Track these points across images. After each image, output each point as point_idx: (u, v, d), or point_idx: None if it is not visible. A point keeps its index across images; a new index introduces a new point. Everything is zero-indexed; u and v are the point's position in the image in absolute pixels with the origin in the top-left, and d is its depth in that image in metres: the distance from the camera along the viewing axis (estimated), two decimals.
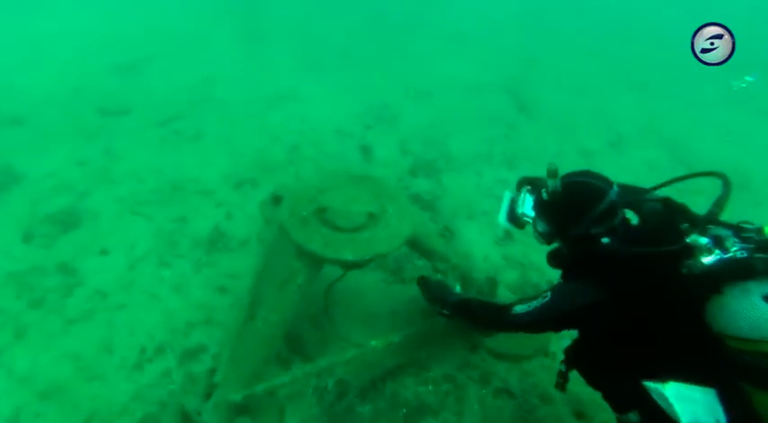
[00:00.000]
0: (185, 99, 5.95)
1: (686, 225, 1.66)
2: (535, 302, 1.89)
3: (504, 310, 2.03)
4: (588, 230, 1.81)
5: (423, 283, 2.68)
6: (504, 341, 3.29)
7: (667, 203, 1.84)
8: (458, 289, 3.04)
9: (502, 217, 2.45)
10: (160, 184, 4.48)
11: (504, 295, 3.32)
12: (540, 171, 5.64)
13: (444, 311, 2.46)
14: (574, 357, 2.06)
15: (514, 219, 2.40)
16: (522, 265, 4.05)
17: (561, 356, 2.14)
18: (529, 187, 2.39)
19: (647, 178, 1.90)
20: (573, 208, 1.86)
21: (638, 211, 1.92)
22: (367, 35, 8.95)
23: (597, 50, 9.46)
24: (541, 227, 2.08)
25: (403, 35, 9.13)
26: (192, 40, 7.86)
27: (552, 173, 1.95)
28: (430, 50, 8.59)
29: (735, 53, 1.73)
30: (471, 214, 4.57)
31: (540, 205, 2.07)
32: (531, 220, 2.30)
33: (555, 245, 2.13)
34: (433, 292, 2.58)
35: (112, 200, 4.20)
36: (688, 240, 1.56)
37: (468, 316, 2.33)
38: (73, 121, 5.35)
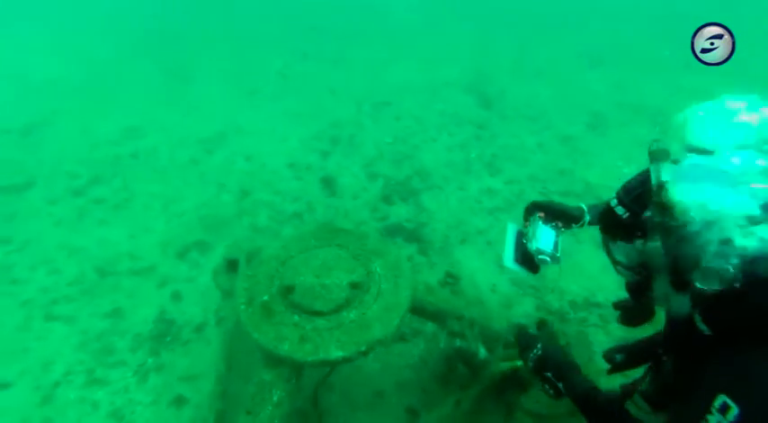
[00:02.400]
0: (104, 158, 5.04)
1: None
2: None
3: None
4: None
5: (540, 361, 1.64)
6: (543, 396, 2.64)
7: None
8: (482, 353, 2.37)
9: (508, 258, 1.83)
10: (82, 272, 3.60)
11: None
12: (528, 170, 5.01)
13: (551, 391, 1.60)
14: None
15: (526, 259, 1.80)
16: (535, 290, 3.42)
17: None
18: (542, 214, 1.81)
19: (639, 157, 1.25)
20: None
21: None
22: (304, 51, 8.22)
23: (547, 29, 9.07)
24: (622, 256, 1.35)
25: (343, 45, 8.46)
26: (103, 87, 6.89)
27: (662, 153, 1.18)
28: (375, 57, 7.95)
29: None
30: (464, 237, 3.91)
31: (621, 224, 1.31)
32: (548, 258, 1.71)
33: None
34: (556, 368, 1.60)
35: (15, 306, 3.28)
36: None
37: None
38: None
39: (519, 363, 2.42)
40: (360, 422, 2.60)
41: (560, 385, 1.51)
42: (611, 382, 1.74)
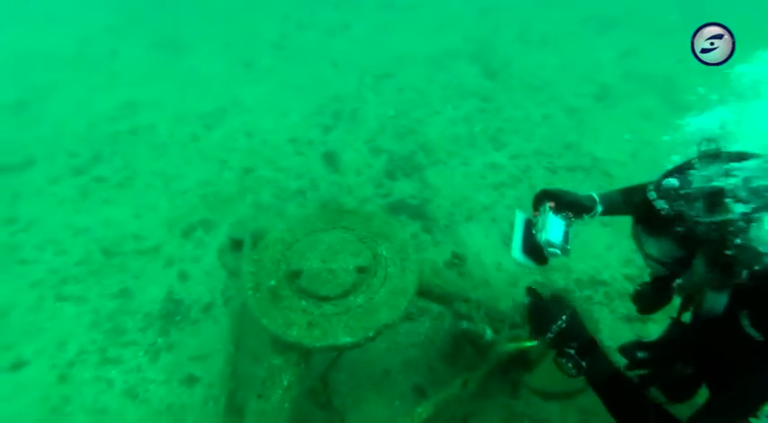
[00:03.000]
0: (103, 135, 4.98)
1: None
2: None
3: None
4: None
5: (562, 334, 1.48)
6: (550, 375, 2.68)
7: None
8: (489, 334, 2.39)
9: (516, 250, 1.79)
10: (88, 252, 3.62)
11: None
12: (534, 145, 4.93)
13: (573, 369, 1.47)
14: None
15: (535, 250, 1.77)
16: (541, 268, 3.41)
17: None
18: (552, 204, 1.76)
19: (647, 131, 1.22)
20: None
21: None
22: (303, 20, 7.97)
23: None
24: (658, 250, 1.31)
25: (342, 13, 8.19)
26: (98, 61, 6.73)
27: (712, 155, 1.18)
28: (376, 26, 7.71)
29: None
30: (470, 214, 3.89)
31: (659, 220, 1.27)
32: (559, 251, 1.68)
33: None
34: (580, 344, 1.46)
35: (25, 287, 3.32)
36: None
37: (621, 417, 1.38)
38: None
39: (526, 343, 2.45)
40: (367, 400, 2.66)
41: (584, 363, 1.41)
42: None
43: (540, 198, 1.82)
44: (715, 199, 1.12)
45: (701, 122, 1.41)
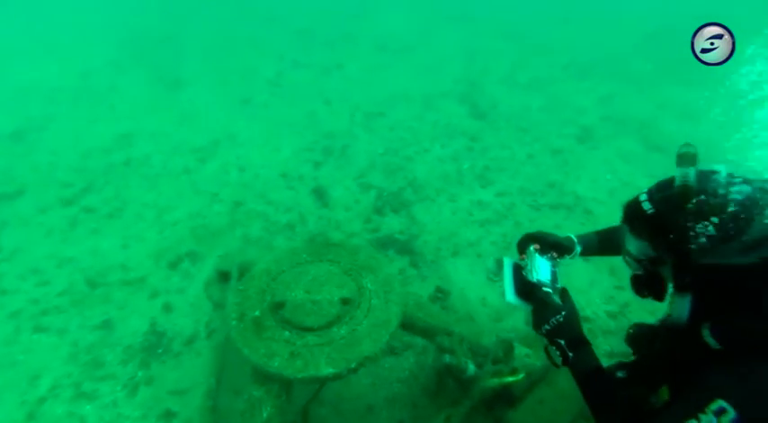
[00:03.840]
0: (97, 166, 5.04)
1: None
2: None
3: None
4: (734, 259, 1.16)
5: (559, 327, 1.56)
6: (534, 412, 2.66)
7: None
8: (471, 369, 2.40)
9: (509, 294, 1.76)
10: (72, 283, 3.59)
11: (521, 355, 2.68)
12: (519, 183, 5.04)
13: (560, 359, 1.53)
14: None
15: (527, 291, 1.76)
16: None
17: None
18: (537, 246, 1.82)
19: (626, 173, 1.30)
20: (715, 224, 1.18)
21: None
22: (297, 60, 8.27)
23: (538, 40, 9.22)
24: (636, 248, 1.39)
25: (334, 51, 8.53)
26: (98, 94, 6.90)
27: (689, 157, 1.24)
28: (369, 66, 8.03)
29: None
30: (456, 250, 3.95)
31: (641, 220, 1.35)
32: (551, 290, 1.70)
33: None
34: (571, 339, 1.54)
35: (4, 317, 3.26)
36: None
37: (593, 404, 1.44)
38: None
39: (508, 378, 2.46)
40: None
41: (570, 355, 1.48)
42: None
43: (525, 241, 1.87)
44: (686, 201, 1.21)
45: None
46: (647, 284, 1.44)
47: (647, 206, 1.32)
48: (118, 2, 12.16)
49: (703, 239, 1.18)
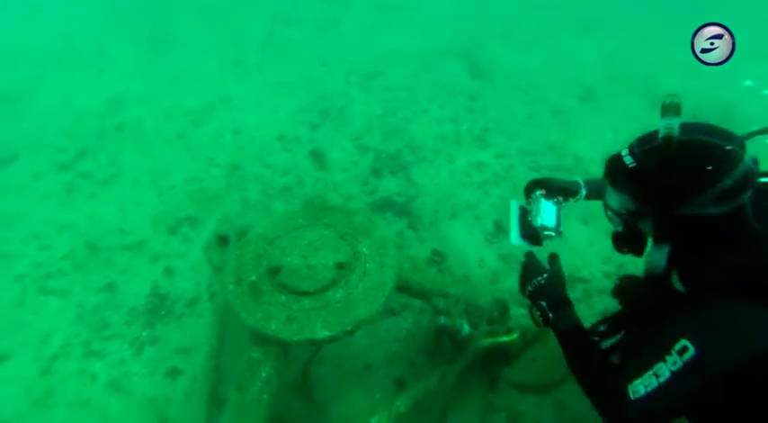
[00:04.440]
0: (89, 131, 4.96)
1: None
2: (665, 368, 1.15)
3: (617, 396, 1.24)
4: (707, 210, 1.22)
5: (540, 289, 1.65)
6: (528, 369, 2.76)
7: None
8: (466, 329, 2.46)
9: (514, 235, 1.89)
10: (73, 247, 3.62)
11: (517, 315, 2.75)
12: (518, 144, 4.99)
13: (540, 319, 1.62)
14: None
15: (531, 235, 1.88)
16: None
17: None
18: (543, 191, 1.91)
19: (630, 131, 1.36)
20: (688, 175, 1.23)
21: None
22: (291, 17, 7.97)
23: None
24: (618, 202, 1.45)
25: (331, 11, 8.20)
26: (84, 56, 6.69)
27: (673, 107, 1.27)
28: (365, 24, 7.74)
29: None
30: (454, 211, 3.95)
31: (622, 173, 1.40)
32: (554, 234, 1.81)
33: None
34: (552, 300, 1.60)
35: (10, 281, 3.32)
36: None
37: (572, 362, 1.49)
38: None
39: (502, 338, 2.53)
40: (349, 393, 2.71)
41: (551, 316, 1.55)
42: None
43: (531, 186, 1.95)
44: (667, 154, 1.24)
45: None
46: (626, 240, 1.49)
47: (628, 160, 1.36)
48: None
49: (681, 190, 1.24)
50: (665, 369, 1.14)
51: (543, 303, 1.58)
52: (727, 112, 5.14)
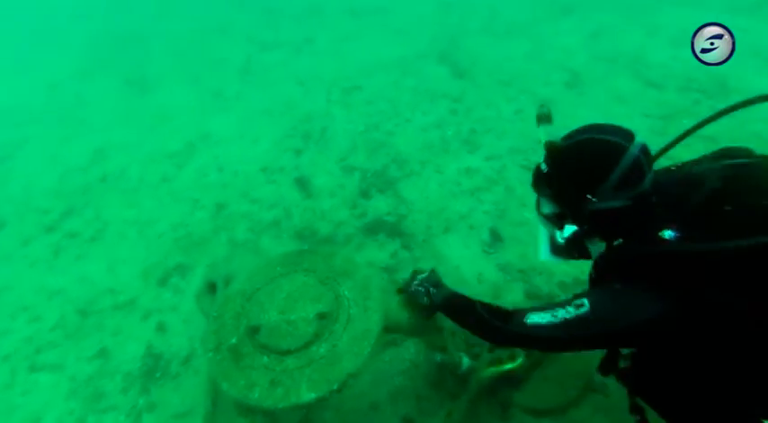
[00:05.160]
0: (74, 187, 4.91)
1: None
2: (563, 312, 1.37)
3: (513, 316, 1.50)
4: (608, 202, 1.34)
5: (423, 280, 2.02)
6: (539, 390, 2.59)
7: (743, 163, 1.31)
8: (465, 363, 2.31)
9: (544, 254, 1.88)
10: (63, 315, 3.54)
11: None
12: (508, 143, 4.81)
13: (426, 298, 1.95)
14: (643, 383, 1.56)
15: (557, 248, 1.82)
16: (523, 274, 3.33)
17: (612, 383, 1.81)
18: None
19: (623, 115, 1.26)
20: (584, 172, 1.38)
21: (692, 184, 1.35)
22: (265, 41, 7.89)
23: None
24: (547, 208, 1.60)
25: (305, 27, 8.11)
26: (67, 109, 6.69)
27: (544, 116, 1.55)
28: (340, 36, 7.63)
29: None
30: (447, 225, 3.79)
31: (540, 179, 1.57)
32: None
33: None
34: (432, 283, 1.99)
35: None
36: None
37: (463, 320, 1.75)
38: None
39: (507, 366, 2.37)
40: None
41: (432, 290, 1.89)
42: None
43: None
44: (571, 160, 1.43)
45: None
46: (573, 246, 1.57)
47: (543, 167, 1.52)
48: (80, 5, 11.69)
49: (581, 187, 1.37)
50: (562, 312, 1.36)
51: (427, 284, 1.92)
52: (721, 80, 4.91)
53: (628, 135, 1.36)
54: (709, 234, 1.18)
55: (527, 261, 3.39)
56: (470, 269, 3.40)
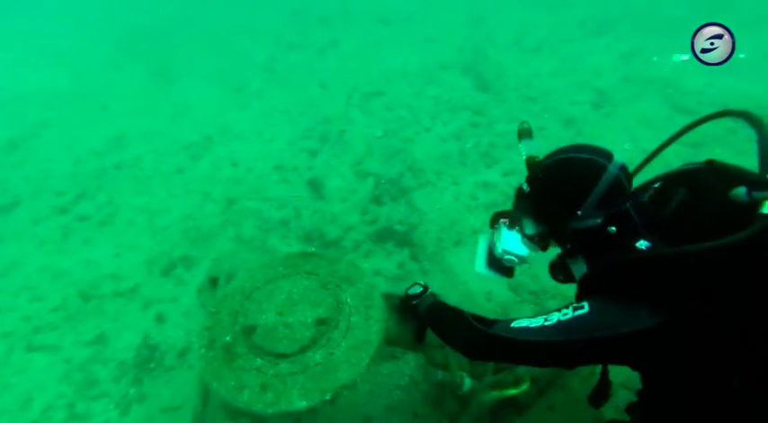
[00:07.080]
0: (90, 171, 4.94)
1: (742, 191, 1.14)
2: (558, 315, 1.29)
3: (499, 322, 1.44)
4: (590, 221, 1.32)
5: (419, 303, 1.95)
6: (543, 419, 2.46)
7: (708, 169, 1.30)
8: (467, 384, 2.19)
9: (480, 265, 1.92)
10: (65, 296, 3.52)
11: None
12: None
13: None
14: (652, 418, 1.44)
15: (495, 262, 1.89)
16: (535, 296, 3.20)
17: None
18: (506, 221, 1.89)
19: (648, 140, 1.14)
20: (564, 191, 1.38)
21: (660, 194, 1.37)
22: (292, 41, 7.92)
23: None
24: (529, 228, 1.57)
25: (329, 29, 8.12)
26: (92, 95, 6.76)
27: (525, 132, 1.54)
28: (367, 42, 7.62)
29: None
30: (459, 239, 3.69)
31: (522, 200, 1.56)
32: (516, 259, 1.80)
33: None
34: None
35: None
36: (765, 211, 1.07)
37: (446, 328, 1.69)
38: None
39: (510, 391, 2.25)
40: None
41: (415, 302, 1.90)
42: None
43: (495, 218, 1.93)
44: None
45: None
46: (558, 269, 1.56)
47: (525, 187, 1.51)
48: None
49: (562, 206, 1.36)
50: (557, 315, 1.29)
51: (414, 301, 1.88)
52: (761, 106, 4.72)
53: (606, 155, 1.37)
54: (678, 241, 1.20)
55: (539, 283, 3.27)
56: (479, 286, 3.28)
